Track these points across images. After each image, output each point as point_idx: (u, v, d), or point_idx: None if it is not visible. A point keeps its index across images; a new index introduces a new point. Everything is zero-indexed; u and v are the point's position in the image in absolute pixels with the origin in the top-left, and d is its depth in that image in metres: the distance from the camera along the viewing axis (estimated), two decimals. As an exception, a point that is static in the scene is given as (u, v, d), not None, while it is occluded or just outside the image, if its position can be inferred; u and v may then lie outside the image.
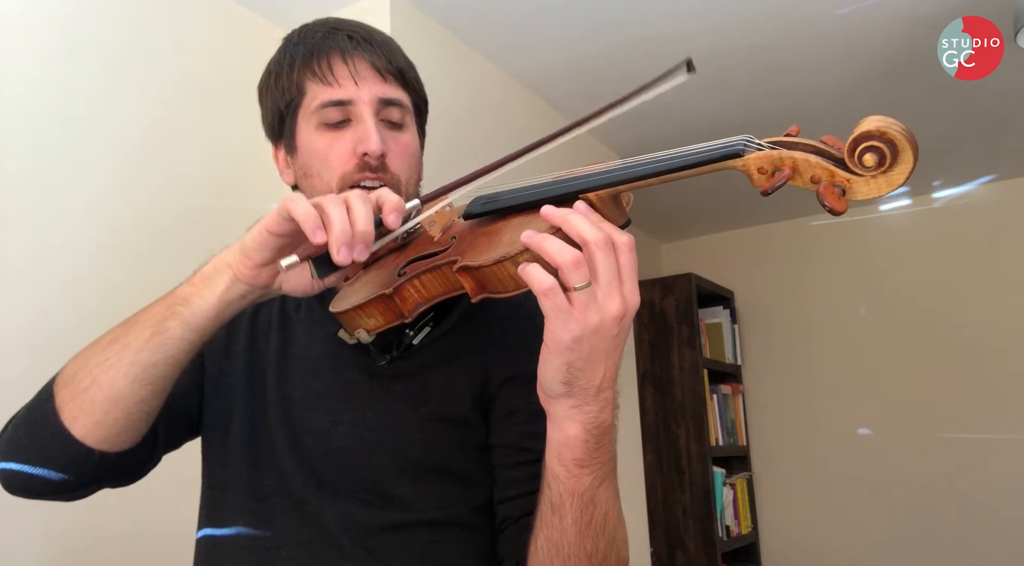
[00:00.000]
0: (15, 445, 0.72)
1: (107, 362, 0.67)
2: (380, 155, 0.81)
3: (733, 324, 3.43)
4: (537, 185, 0.69)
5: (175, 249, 1.47)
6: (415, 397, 0.81)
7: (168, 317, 0.67)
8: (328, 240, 0.59)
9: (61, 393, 0.69)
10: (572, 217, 0.60)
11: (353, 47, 0.83)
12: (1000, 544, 2.84)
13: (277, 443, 0.80)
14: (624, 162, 0.65)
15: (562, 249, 0.58)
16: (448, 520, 0.79)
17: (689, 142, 0.65)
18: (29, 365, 1.24)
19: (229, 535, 0.79)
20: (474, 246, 0.66)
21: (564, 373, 0.60)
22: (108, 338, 0.69)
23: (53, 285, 1.30)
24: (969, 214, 3.08)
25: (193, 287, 0.67)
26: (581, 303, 0.58)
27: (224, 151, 1.62)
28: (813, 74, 2.14)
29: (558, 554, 0.68)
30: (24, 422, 0.73)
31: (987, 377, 2.94)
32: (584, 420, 0.63)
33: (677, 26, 1.88)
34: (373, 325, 0.72)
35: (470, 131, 1.90)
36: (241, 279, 0.66)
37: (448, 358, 0.83)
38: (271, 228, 0.64)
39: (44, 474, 0.71)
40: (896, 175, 0.53)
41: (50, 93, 1.35)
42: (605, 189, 0.64)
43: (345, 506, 0.77)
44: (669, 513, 2.93)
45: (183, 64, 1.58)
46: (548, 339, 0.59)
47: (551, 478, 0.66)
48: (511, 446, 0.81)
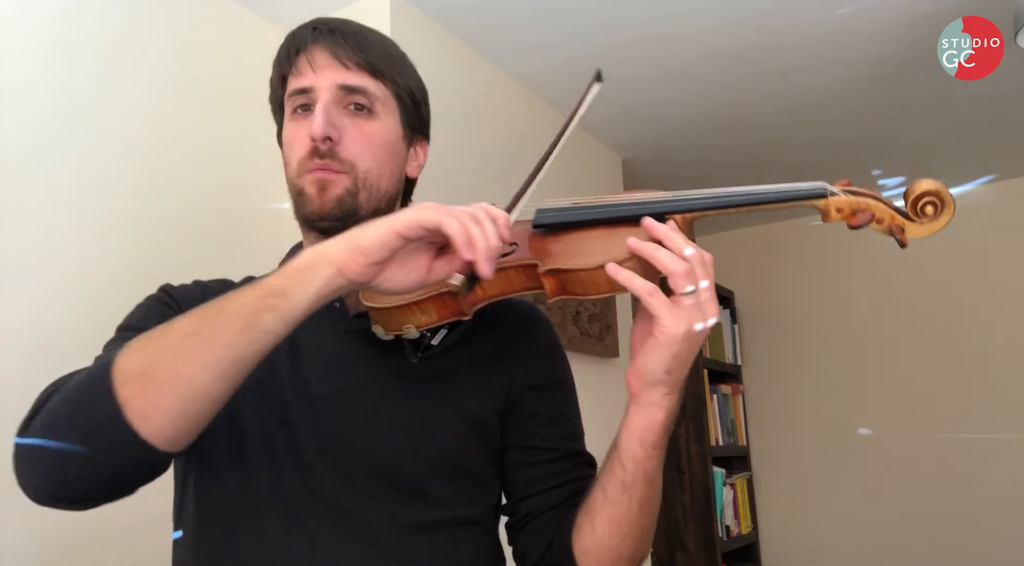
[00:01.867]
0: (65, 450, 0.63)
1: (186, 354, 0.62)
2: (324, 138, 0.81)
3: (733, 324, 3.43)
4: (620, 204, 0.78)
5: (175, 249, 1.47)
6: (450, 399, 0.84)
7: (263, 309, 0.63)
8: (476, 257, 0.63)
9: (126, 389, 0.61)
10: (673, 233, 0.70)
11: (314, 38, 0.84)
12: (1000, 544, 2.83)
13: (301, 443, 0.79)
14: (703, 192, 0.76)
15: (674, 259, 0.68)
16: (471, 519, 0.84)
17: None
18: (29, 365, 1.24)
19: (245, 536, 0.76)
20: (556, 252, 0.74)
21: (669, 363, 0.70)
22: (181, 330, 0.63)
23: (53, 285, 1.30)
24: (969, 214, 3.07)
25: (289, 279, 0.64)
26: (688, 305, 0.68)
27: (224, 151, 1.62)
28: (813, 74, 2.14)
29: (619, 530, 0.77)
30: (72, 423, 0.64)
31: (987, 377, 2.94)
32: (668, 407, 0.73)
33: (677, 26, 1.88)
34: (425, 321, 0.75)
35: (470, 131, 1.90)
36: (346, 274, 0.64)
37: (474, 364, 0.87)
38: (403, 232, 0.63)
39: (101, 473, 0.64)
40: (940, 222, 0.71)
41: (50, 93, 1.35)
42: (692, 213, 0.74)
43: (384, 504, 0.78)
44: (669, 513, 2.93)
45: (182, 64, 1.58)
46: (659, 333, 0.69)
47: (627, 460, 0.75)
48: (535, 447, 0.88)
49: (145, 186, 1.46)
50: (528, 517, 0.87)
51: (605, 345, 2.28)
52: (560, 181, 2.25)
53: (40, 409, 0.66)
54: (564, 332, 2.08)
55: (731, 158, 2.71)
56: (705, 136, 2.52)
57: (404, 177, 0.91)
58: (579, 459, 0.91)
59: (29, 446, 0.64)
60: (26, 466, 0.65)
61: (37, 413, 0.66)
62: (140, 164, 1.46)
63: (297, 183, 0.84)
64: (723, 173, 2.86)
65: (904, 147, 2.70)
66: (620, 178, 2.65)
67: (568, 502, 0.86)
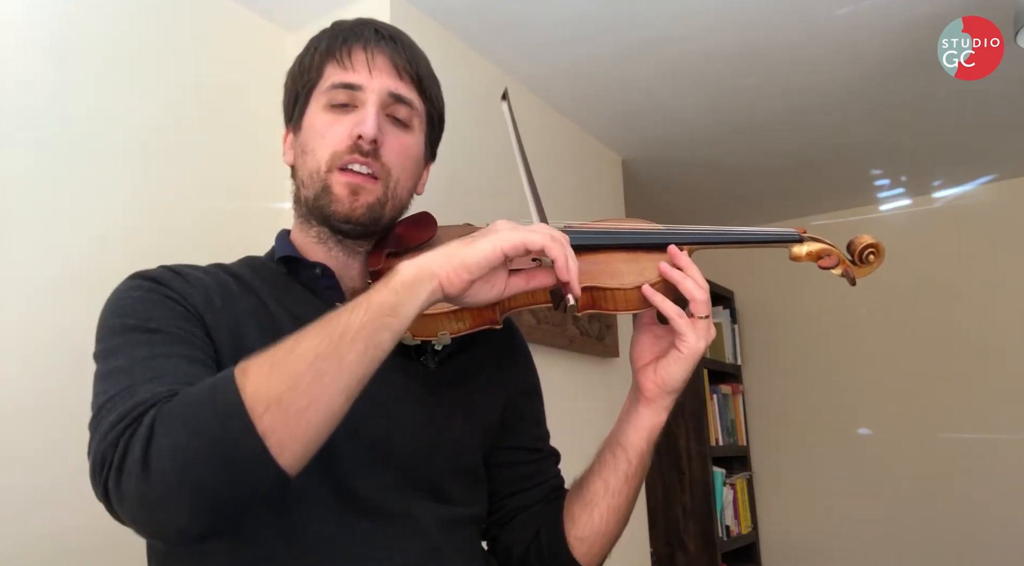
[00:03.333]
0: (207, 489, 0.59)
1: (324, 379, 0.60)
2: (373, 140, 0.82)
3: (733, 324, 3.43)
4: (638, 232, 0.88)
5: (175, 249, 1.47)
6: (467, 404, 0.89)
7: (380, 328, 0.63)
8: (570, 280, 0.70)
9: (266, 419, 0.58)
10: (693, 264, 0.82)
11: (376, 40, 0.86)
12: (1000, 544, 2.83)
13: (331, 447, 0.75)
14: (702, 228, 0.88)
15: (697, 287, 0.80)
16: (477, 517, 0.90)
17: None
18: (29, 365, 1.25)
19: (296, 537, 0.74)
20: (587, 271, 0.80)
21: (689, 374, 0.82)
22: (309, 354, 0.61)
23: (53, 285, 1.30)
24: (969, 214, 3.08)
25: (397, 296, 0.65)
26: (703, 327, 0.80)
27: (225, 152, 1.62)
28: (813, 74, 2.14)
29: (615, 517, 0.87)
30: (212, 460, 0.59)
31: (987, 377, 2.94)
32: (670, 409, 0.85)
33: (677, 26, 1.88)
34: (459, 329, 0.80)
35: (470, 131, 1.90)
36: (447, 288, 0.67)
37: (479, 370, 0.92)
38: (508, 252, 0.68)
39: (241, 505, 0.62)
40: (876, 266, 0.88)
41: (50, 93, 1.35)
42: (695, 245, 0.86)
43: (420, 504, 0.80)
44: (669, 513, 2.93)
45: (184, 65, 1.58)
46: (684, 349, 0.81)
47: (633, 455, 0.85)
48: (525, 447, 0.96)
49: (146, 187, 1.46)
50: (515, 512, 0.94)
51: (605, 345, 2.28)
52: (561, 181, 2.25)
53: (149, 444, 0.59)
54: (564, 332, 2.08)
55: (731, 158, 2.71)
56: (705, 136, 2.52)
57: (412, 194, 0.93)
58: (555, 458, 0.99)
59: (160, 490, 0.59)
60: (161, 511, 0.60)
61: (149, 449, 0.59)
62: (141, 165, 1.46)
63: (326, 178, 0.84)
64: (723, 173, 2.86)
65: (904, 147, 2.70)
66: (620, 178, 2.64)
67: (549, 497, 0.94)
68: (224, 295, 0.80)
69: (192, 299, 0.77)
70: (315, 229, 0.88)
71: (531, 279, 0.74)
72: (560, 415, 1.16)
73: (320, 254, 0.88)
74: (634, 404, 0.86)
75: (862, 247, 0.87)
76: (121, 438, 0.61)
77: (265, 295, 0.83)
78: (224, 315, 0.78)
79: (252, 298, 0.81)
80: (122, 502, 0.61)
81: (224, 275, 0.84)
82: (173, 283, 0.78)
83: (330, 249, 0.88)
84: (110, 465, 0.61)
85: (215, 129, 1.61)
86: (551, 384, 1.09)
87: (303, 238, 0.89)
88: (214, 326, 0.76)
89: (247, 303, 0.81)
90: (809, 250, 0.88)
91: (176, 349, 0.71)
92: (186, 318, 0.75)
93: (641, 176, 2.79)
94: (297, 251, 0.89)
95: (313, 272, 0.86)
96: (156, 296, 0.76)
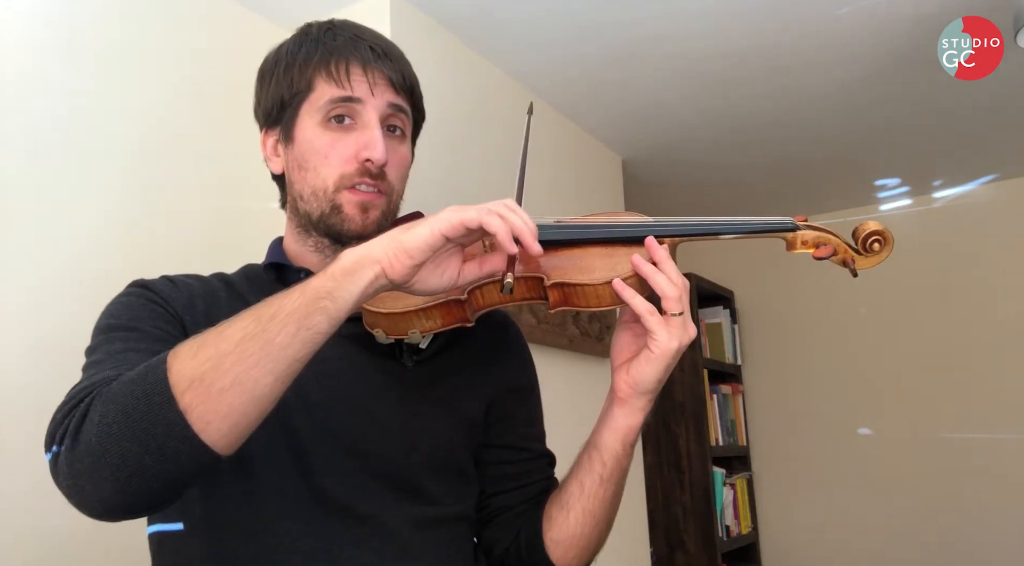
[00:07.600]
0: (129, 462, 0.61)
1: (249, 360, 0.62)
2: (383, 164, 0.84)
3: (733, 324, 3.43)
4: (615, 225, 0.83)
5: (174, 249, 1.47)
6: (444, 402, 0.88)
7: (314, 311, 0.64)
8: (523, 239, 0.67)
9: (188, 395, 0.61)
10: (669, 260, 0.77)
11: (375, 59, 0.86)
12: (1000, 544, 2.83)
13: (304, 448, 0.79)
14: (688, 219, 0.83)
15: (670, 283, 0.75)
16: (463, 515, 0.89)
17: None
18: (28, 364, 1.25)
19: (263, 537, 0.77)
20: (560, 266, 0.79)
21: (663, 374, 0.77)
22: (236, 335, 0.63)
23: (52, 284, 1.30)
24: (969, 214, 3.08)
25: (335, 281, 0.66)
26: (678, 324, 0.76)
27: (223, 150, 1.62)
28: (813, 74, 2.14)
29: (591, 520, 0.85)
30: (133, 433, 0.61)
31: (987, 377, 2.94)
32: (646, 411, 0.81)
33: (677, 26, 1.88)
34: (430, 327, 0.79)
35: (470, 131, 1.90)
36: (389, 274, 0.66)
37: (462, 368, 0.91)
38: (447, 232, 0.66)
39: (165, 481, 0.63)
40: (883, 255, 0.81)
41: (49, 93, 1.35)
42: (679, 238, 0.81)
43: (392, 503, 0.81)
44: (669, 513, 2.93)
45: (182, 63, 1.58)
46: (655, 348, 0.76)
47: (608, 457, 0.82)
48: (511, 446, 0.94)
49: (144, 185, 1.46)
50: (499, 511, 0.93)
51: (605, 345, 2.28)
52: (561, 181, 2.25)
53: (83, 420, 0.63)
54: (564, 332, 2.08)
55: (731, 158, 2.71)
56: (705, 136, 2.52)
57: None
58: (547, 459, 0.98)
59: (86, 461, 0.61)
60: (86, 482, 0.62)
61: (82, 425, 0.63)
62: (139, 163, 1.46)
63: (334, 197, 0.85)
64: (723, 173, 2.86)
65: (905, 147, 2.70)
66: (620, 178, 2.64)
67: (536, 498, 0.93)
68: (209, 300, 0.84)
69: (174, 303, 0.82)
70: (313, 239, 0.89)
71: (483, 264, 0.73)
72: (560, 415, 1.16)
73: (314, 261, 0.90)
74: (609, 405, 0.84)
75: (867, 234, 0.80)
76: (66, 418, 0.65)
77: (253, 301, 0.84)
78: (204, 318, 0.81)
79: (239, 303, 0.83)
80: (57, 475, 0.64)
81: (218, 283, 0.88)
82: (161, 289, 0.83)
83: (326, 257, 0.89)
84: (51, 441, 0.65)
85: (215, 129, 1.61)
86: (551, 384, 1.09)
87: (299, 247, 0.91)
88: (192, 327, 0.79)
89: (231, 307, 0.82)
90: (804, 239, 0.83)
91: (149, 345, 0.74)
92: (166, 319, 0.79)
93: (641, 176, 2.79)
94: (288, 258, 0.92)
95: (298, 277, 0.88)
96: (142, 300, 0.81)
